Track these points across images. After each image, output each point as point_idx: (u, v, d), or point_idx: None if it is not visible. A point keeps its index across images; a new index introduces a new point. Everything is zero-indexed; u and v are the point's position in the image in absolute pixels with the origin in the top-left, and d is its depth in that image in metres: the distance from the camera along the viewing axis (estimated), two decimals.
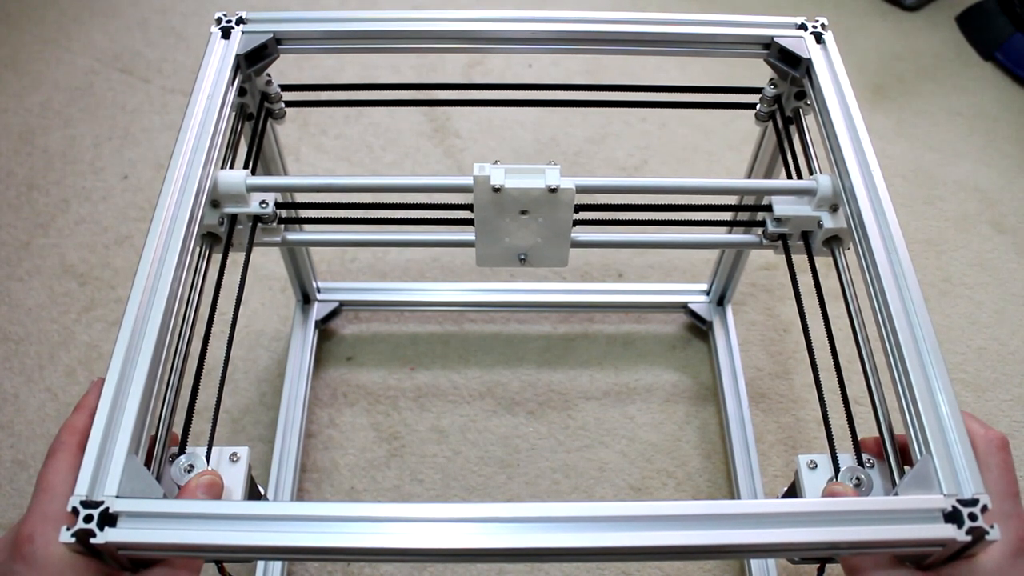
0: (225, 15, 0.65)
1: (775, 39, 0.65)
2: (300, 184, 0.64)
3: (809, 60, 0.63)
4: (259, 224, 0.61)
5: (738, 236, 0.68)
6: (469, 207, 0.60)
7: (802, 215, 0.60)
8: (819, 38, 0.64)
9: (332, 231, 0.67)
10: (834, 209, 0.59)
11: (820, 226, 0.59)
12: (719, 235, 0.67)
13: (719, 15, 0.66)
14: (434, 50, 0.67)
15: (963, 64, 1.36)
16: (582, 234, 0.63)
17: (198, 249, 0.57)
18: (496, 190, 0.56)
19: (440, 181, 0.60)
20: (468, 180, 0.57)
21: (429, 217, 0.63)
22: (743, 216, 0.77)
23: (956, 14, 1.42)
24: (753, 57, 0.66)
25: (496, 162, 0.57)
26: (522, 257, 0.64)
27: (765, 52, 0.66)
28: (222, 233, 0.60)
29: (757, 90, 0.69)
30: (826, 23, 0.65)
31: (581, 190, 0.58)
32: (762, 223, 0.63)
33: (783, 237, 0.62)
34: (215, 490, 0.46)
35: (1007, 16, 1.35)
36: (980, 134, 1.25)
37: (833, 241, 0.60)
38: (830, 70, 0.62)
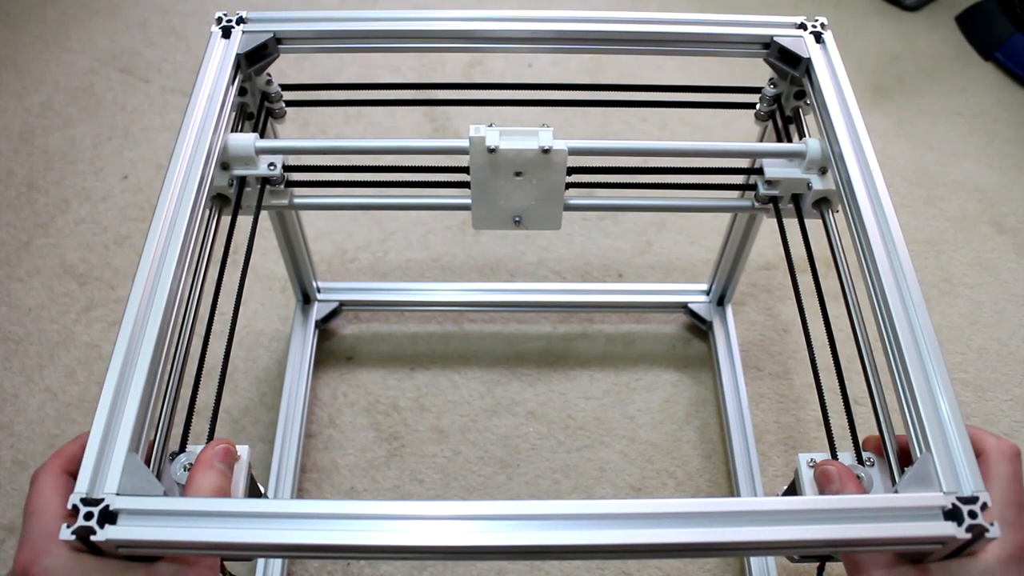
0: (225, 15, 0.65)
1: (775, 39, 0.65)
2: (306, 147, 0.65)
3: (809, 60, 0.63)
4: (267, 186, 0.63)
5: (730, 200, 0.69)
6: (465, 170, 0.62)
7: (792, 177, 0.62)
8: (819, 38, 0.64)
9: (336, 195, 0.69)
10: (823, 172, 0.61)
11: (809, 188, 0.61)
12: (710, 199, 0.69)
13: (719, 15, 0.66)
14: (434, 50, 0.67)
15: (963, 64, 1.36)
16: (575, 198, 0.65)
17: (207, 212, 0.58)
18: (491, 151, 0.58)
19: (438, 143, 0.63)
20: (464, 143, 0.59)
21: (428, 180, 0.66)
22: (737, 184, 0.78)
23: (956, 14, 1.42)
24: (753, 57, 0.67)
25: (491, 124, 0.59)
26: (517, 219, 0.65)
27: (765, 52, 0.66)
28: (231, 195, 0.61)
29: (757, 90, 0.69)
30: (826, 23, 0.65)
31: (573, 152, 0.59)
32: (753, 187, 0.64)
33: (774, 200, 0.64)
34: (230, 458, 0.47)
35: (1007, 16, 1.35)
36: (980, 134, 1.25)
37: (822, 203, 0.62)
38: (830, 70, 0.63)
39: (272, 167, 0.62)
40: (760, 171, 0.63)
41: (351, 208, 0.72)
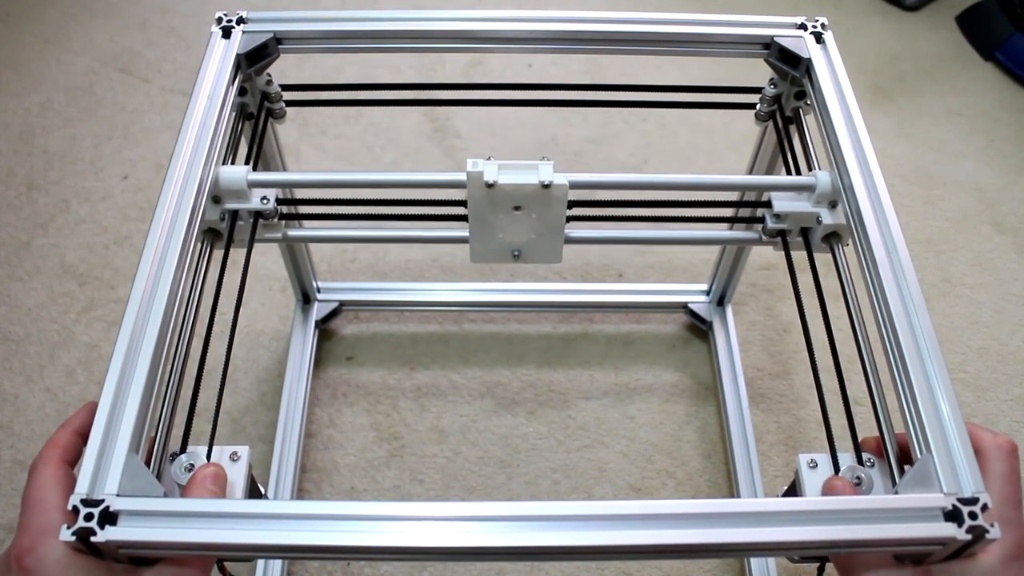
0: (226, 15, 0.65)
1: (775, 39, 0.65)
2: (300, 180, 0.65)
3: (809, 60, 0.63)
4: (260, 220, 0.62)
5: (737, 233, 0.68)
6: (463, 203, 0.60)
7: (801, 211, 0.60)
8: (819, 38, 0.64)
9: (331, 227, 0.67)
10: (833, 205, 0.59)
11: (819, 222, 0.60)
12: (717, 232, 0.67)
13: (719, 15, 0.66)
14: (434, 50, 0.67)
15: (963, 64, 1.36)
16: (576, 231, 0.63)
17: (199, 245, 0.57)
18: (489, 186, 0.56)
19: (435, 177, 0.61)
20: (462, 176, 0.57)
21: (424, 213, 0.63)
22: (742, 213, 0.77)
23: (956, 14, 1.42)
24: (753, 57, 0.67)
25: (490, 158, 0.57)
26: (516, 253, 0.64)
27: (765, 52, 0.66)
28: (223, 229, 0.60)
29: (757, 90, 0.69)
30: (826, 23, 0.65)
31: (575, 186, 0.58)
32: (761, 219, 0.63)
33: (782, 233, 0.62)
34: (220, 481, 0.46)
35: (1007, 16, 1.35)
36: (980, 134, 1.25)
37: (832, 237, 0.60)
38: (830, 70, 0.62)
39: (265, 200, 0.60)
40: (768, 204, 0.61)
41: (347, 241, 0.70)
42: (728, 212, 0.71)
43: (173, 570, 0.42)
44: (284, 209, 0.64)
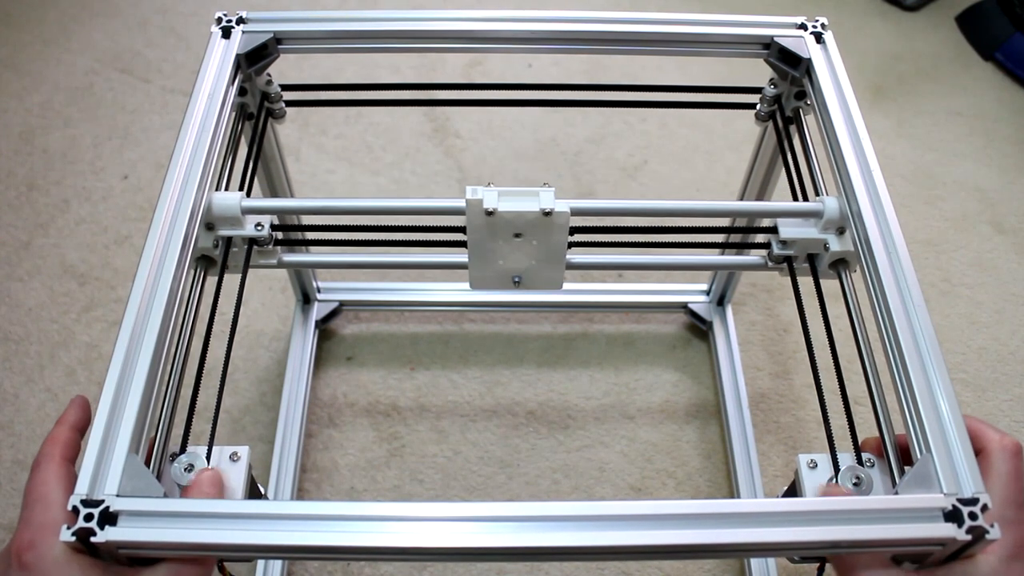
0: (225, 15, 0.65)
1: (775, 39, 0.65)
2: (295, 207, 0.64)
3: (809, 60, 0.63)
4: (255, 246, 0.60)
5: (742, 258, 0.67)
6: (463, 229, 0.58)
7: (808, 238, 0.58)
8: (819, 38, 0.64)
9: (327, 252, 0.66)
10: (840, 231, 0.58)
11: (826, 249, 0.58)
12: (722, 257, 0.66)
13: (719, 15, 0.66)
14: (434, 50, 0.67)
15: (963, 64, 1.36)
16: (578, 256, 0.62)
17: (192, 272, 0.55)
18: (489, 213, 0.55)
19: (433, 204, 0.59)
20: (461, 203, 0.56)
21: (423, 239, 0.61)
22: (747, 235, 0.76)
23: (956, 14, 1.42)
24: (753, 57, 0.66)
25: (490, 184, 0.56)
26: (516, 280, 0.62)
27: (765, 52, 0.66)
28: (217, 256, 0.58)
29: (757, 90, 0.69)
30: (826, 23, 0.65)
31: (576, 213, 0.56)
32: (767, 245, 0.61)
33: (788, 259, 0.61)
34: (217, 484, 0.46)
35: (1007, 16, 1.35)
36: (980, 134, 1.25)
37: (840, 264, 0.59)
38: (830, 70, 0.62)
39: (259, 227, 0.58)
40: (774, 230, 0.59)
41: (344, 267, 0.69)
42: (735, 235, 0.69)
43: (174, 571, 0.42)
44: (279, 235, 0.62)
